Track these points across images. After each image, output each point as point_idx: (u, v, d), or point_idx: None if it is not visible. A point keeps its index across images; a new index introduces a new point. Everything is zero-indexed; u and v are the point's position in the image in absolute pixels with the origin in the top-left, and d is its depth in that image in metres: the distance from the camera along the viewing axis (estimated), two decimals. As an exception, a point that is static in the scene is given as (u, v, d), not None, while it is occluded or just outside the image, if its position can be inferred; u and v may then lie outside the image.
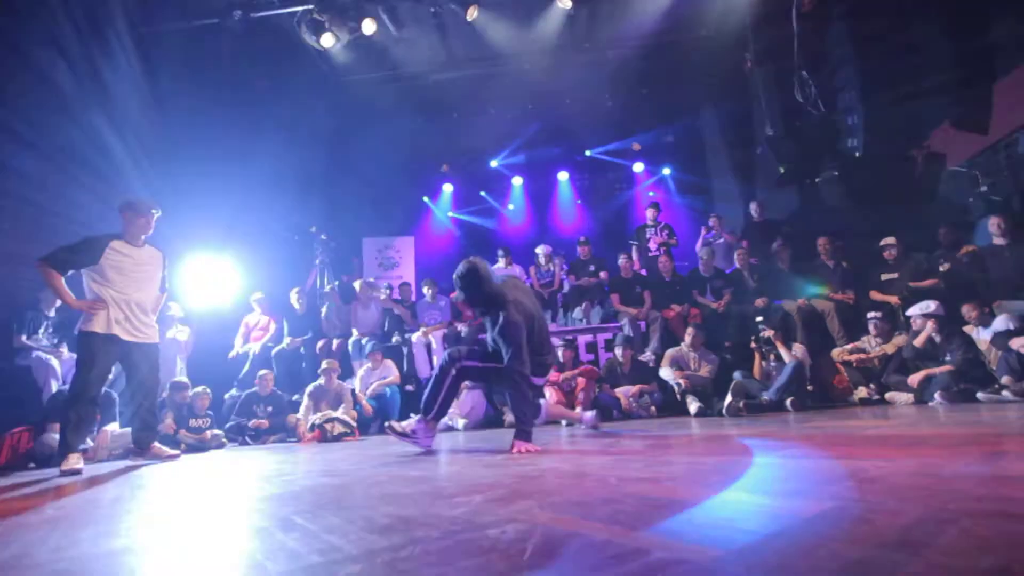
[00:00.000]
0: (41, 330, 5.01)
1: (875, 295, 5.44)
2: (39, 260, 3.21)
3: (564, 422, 4.77)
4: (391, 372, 5.76)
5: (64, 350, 4.97)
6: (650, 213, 7.74)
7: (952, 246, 5.52)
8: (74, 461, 3.07)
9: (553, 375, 4.65)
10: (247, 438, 5.18)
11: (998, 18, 5.62)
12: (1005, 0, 5.58)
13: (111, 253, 3.37)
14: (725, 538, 0.83)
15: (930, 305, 4.54)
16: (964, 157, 6.59)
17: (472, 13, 7.09)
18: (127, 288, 3.41)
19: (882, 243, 5.59)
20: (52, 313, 5.04)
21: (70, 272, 3.31)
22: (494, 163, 10.63)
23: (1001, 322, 4.28)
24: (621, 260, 6.67)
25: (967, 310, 4.51)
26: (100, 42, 5.75)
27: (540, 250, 7.46)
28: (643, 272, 7.25)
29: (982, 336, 4.38)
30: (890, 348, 4.78)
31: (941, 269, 5.31)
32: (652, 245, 7.49)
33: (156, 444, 3.67)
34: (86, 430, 3.34)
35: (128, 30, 6.05)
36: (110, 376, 3.72)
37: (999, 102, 5.86)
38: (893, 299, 5.20)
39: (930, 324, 4.49)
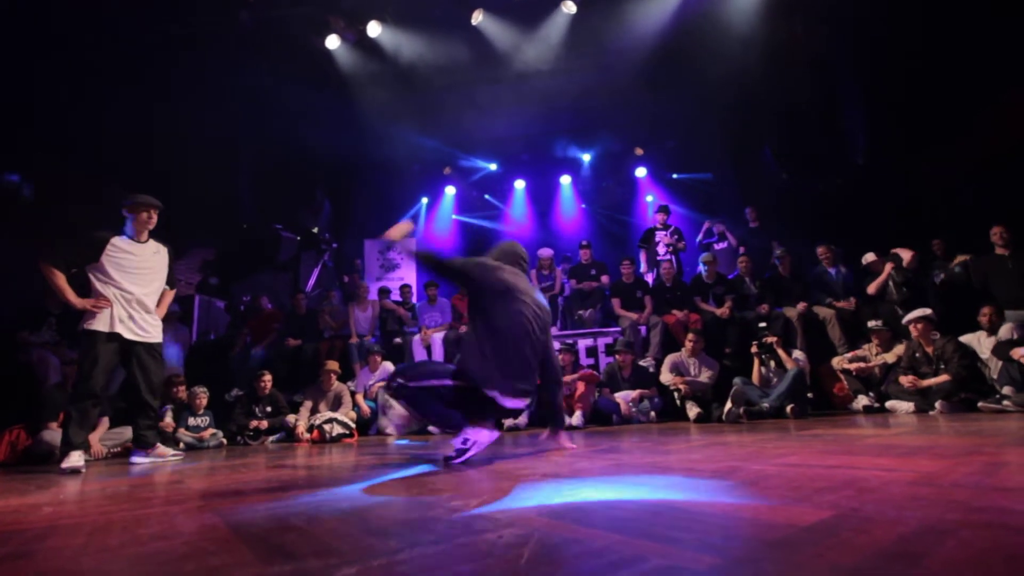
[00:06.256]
0: (45, 327, 5.02)
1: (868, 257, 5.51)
2: (40, 259, 3.20)
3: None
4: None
5: (65, 348, 4.98)
6: (659, 217, 7.68)
7: (946, 257, 5.50)
8: (75, 459, 3.05)
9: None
10: (246, 438, 5.18)
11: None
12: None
13: (112, 250, 3.36)
14: (723, 545, 0.83)
15: (926, 311, 4.54)
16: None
17: (477, 16, 7.13)
18: (130, 285, 3.40)
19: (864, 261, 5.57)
20: (57, 310, 5.05)
21: (73, 270, 3.30)
22: (493, 166, 10.66)
23: (1004, 331, 4.27)
24: (623, 265, 6.67)
25: (988, 312, 4.47)
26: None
27: (542, 253, 7.46)
28: (651, 276, 7.21)
29: (984, 345, 4.36)
30: (890, 357, 4.76)
31: (936, 281, 5.28)
32: (660, 249, 7.46)
33: (160, 445, 3.65)
34: (88, 427, 3.32)
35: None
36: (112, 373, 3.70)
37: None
38: (889, 266, 5.31)
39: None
